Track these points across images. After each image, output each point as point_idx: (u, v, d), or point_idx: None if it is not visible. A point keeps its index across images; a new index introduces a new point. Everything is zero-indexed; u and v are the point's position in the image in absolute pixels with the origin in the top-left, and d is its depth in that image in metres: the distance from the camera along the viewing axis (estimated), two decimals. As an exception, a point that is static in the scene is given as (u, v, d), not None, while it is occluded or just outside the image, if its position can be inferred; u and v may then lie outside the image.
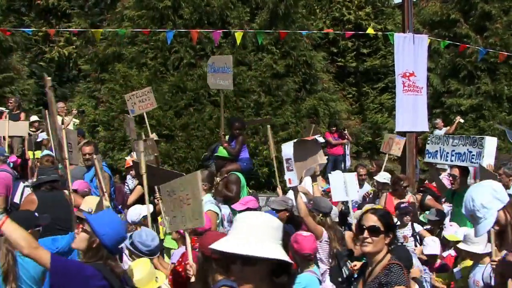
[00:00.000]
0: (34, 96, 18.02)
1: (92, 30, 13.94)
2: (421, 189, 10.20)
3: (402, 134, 11.38)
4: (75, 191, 7.08)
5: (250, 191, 9.46)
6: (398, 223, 8.02)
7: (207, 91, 13.93)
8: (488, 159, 6.75)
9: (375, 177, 9.79)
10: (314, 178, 6.98)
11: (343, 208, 8.56)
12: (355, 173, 9.11)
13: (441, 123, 14.65)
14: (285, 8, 14.46)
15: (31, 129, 13.12)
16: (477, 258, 5.29)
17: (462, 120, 14.44)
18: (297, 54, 14.71)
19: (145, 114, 10.67)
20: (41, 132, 13.04)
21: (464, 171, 7.26)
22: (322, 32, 16.56)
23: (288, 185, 6.30)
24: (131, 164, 9.31)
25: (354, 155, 17.48)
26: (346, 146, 15.07)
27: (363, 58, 19.50)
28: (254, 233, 2.37)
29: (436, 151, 7.56)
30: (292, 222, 6.41)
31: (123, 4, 15.68)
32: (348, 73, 19.72)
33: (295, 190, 6.13)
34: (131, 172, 9.61)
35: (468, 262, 5.66)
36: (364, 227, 3.59)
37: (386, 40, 17.54)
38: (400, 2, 15.13)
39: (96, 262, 3.72)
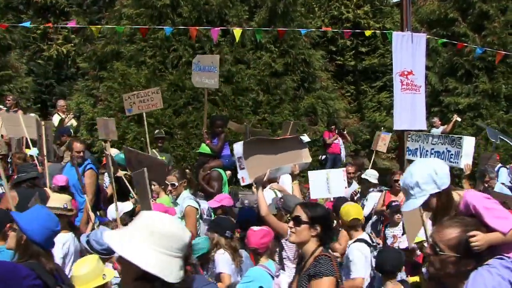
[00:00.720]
0: (32, 94, 17.98)
1: (90, 26, 13.91)
2: None
3: (400, 132, 11.39)
4: (63, 187, 7.16)
5: (230, 187, 9.49)
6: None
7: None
8: (466, 159, 6.72)
9: (363, 176, 9.67)
10: (295, 177, 6.82)
11: None
12: (343, 169, 9.03)
13: (438, 122, 14.70)
14: (284, 7, 14.49)
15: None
16: None
17: (459, 119, 14.47)
18: (295, 52, 14.74)
19: (144, 114, 10.58)
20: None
21: None
22: (320, 30, 16.57)
23: (242, 183, 6.24)
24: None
25: (352, 153, 17.50)
26: (342, 145, 15.08)
27: (361, 56, 19.54)
28: (138, 234, 2.28)
29: (416, 148, 7.43)
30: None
31: (122, 2, 15.66)
32: (347, 72, 19.75)
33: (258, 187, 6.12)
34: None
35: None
36: (289, 217, 3.71)
37: (385, 39, 17.59)
38: (399, 0, 15.17)
39: (29, 261, 3.66)
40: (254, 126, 13.87)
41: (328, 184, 8.15)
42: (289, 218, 5.64)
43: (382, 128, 11.80)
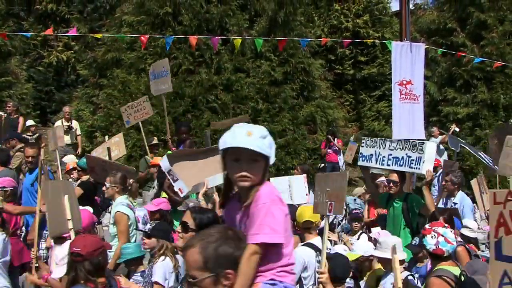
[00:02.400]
0: (32, 101, 18.01)
1: (91, 35, 13.97)
2: None
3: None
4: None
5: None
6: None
7: (205, 97, 14.01)
8: (428, 165, 6.59)
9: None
10: None
11: None
12: (304, 176, 8.99)
13: (437, 132, 14.72)
14: (284, 16, 14.55)
15: (27, 134, 13.14)
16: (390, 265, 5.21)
17: (457, 129, 14.51)
18: (295, 61, 14.80)
19: (140, 124, 10.81)
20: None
21: (402, 176, 7.01)
22: (319, 40, 16.64)
23: (181, 194, 6.16)
24: (71, 167, 9.50)
25: (350, 162, 17.52)
26: (339, 154, 15.08)
27: (360, 66, 19.62)
28: None
29: (371, 154, 7.28)
30: None
31: (122, 10, 15.74)
32: (346, 81, 19.82)
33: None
34: (72, 175, 9.61)
35: (371, 275, 5.63)
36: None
37: (384, 48, 17.67)
38: (398, 10, 15.25)
39: None
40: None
41: (291, 191, 8.11)
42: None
43: (352, 137, 11.73)
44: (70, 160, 10.13)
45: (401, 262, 5.03)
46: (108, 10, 19.75)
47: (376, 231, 6.76)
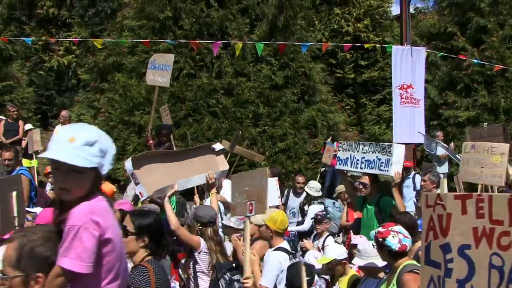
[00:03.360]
0: (33, 105, 18.04)
1: (92, 40, 14.01)
2: None
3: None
4: None
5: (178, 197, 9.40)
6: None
7: (206, 101, 14.03)
8: (396, 167, 6.61)
9: (305, 188, 9.49)
10: (211, 186, 6.48)
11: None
12: (275, 179, 8.93)
13: (441, 136, 14.60)
14: (284, 20, 14.58)
15: (26, 137, 13.16)
16: (375, 272, 5.11)
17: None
18: (296, 65, 14.81)
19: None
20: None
21: (375, 178, 7.00)
22: (320, 44, 16.67)
23: (141, 198, 6.08)
24: (50, 170, 9.50)
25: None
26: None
27: (361, 70, 19.66)
28: None
29: (347, 158, 7.32)
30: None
31: (123, 14, 15.79)
32: (347, 85, 19.85)
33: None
34: (49, 178, 9.63)
35: (345, 280, 5.56)
36: (200, 227, 3.69)
37: (384, 52, 17.71)
38: (398, 14, 15.28)
39: None
40: (254, 138, 13.93)
41: None
42: (200, 228, 5.57)
43: (329, 139, 11.66)
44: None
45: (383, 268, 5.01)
46: (109, 14, 19.81)
47: (356, 237, 6.74)
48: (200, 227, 5.60)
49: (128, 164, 5.92)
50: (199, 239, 5.54)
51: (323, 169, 14.25)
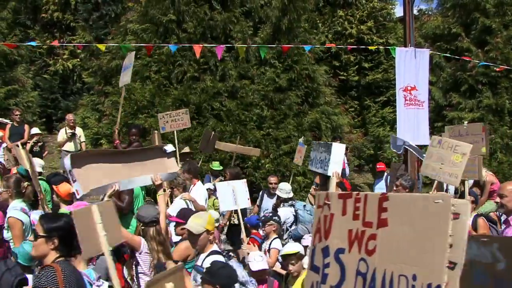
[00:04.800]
0: (38, 109, 18.12)
1: (96, 44, 14.05)
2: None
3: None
4: None
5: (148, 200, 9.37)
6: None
7: (210, 104, 14.05)
8: (335, 166, 6.50)
9: (276, 192, 9.34)
10: (159, 187, 6.35)
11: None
12: (243, 180, 8.92)
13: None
14: (288, 22, 14.59)
15: (32, 141, 13.22)
16: None
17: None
18: (299, 68, 14.81)
19: (175, 133, 11.09)
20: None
21: (324, 179, 6.91)
22: (325, 46, 16.67)
23: (77, 196, 5.94)
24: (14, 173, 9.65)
25: (356, 168, 17.51)
26: (345, 159, 15.05)
27: (365, 72, 19.64)
28: None
29: (312, 158, 7.35)
30: None
31: (127, 18, 15.84)
32: (350, 87, 19.84)
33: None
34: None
35: (299, 281, 5.49)
36: (142, 227, 3.65)
37: (388, 54, 17.68)
38: (402, 16, 15.27)
39: None
40: (259, 141, 13.94)
41: (235, 195, 8.10)
42: (142, 228, 5.54)
43: (300, 139, 11.62)
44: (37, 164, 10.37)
45: None
46: (113, 18, 19.89)
47: (307, 237, 6.70)
48: (142, 227, 5.59)
49: (66, 161, 5.81)
50: (139, 240, 5.51)
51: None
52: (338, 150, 6.58)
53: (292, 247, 5.82)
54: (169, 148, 6.42)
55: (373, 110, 19.48)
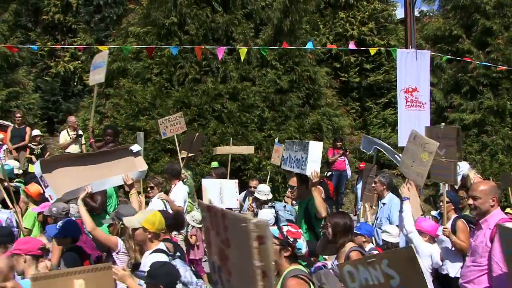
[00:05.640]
0: (39, 111, 18.12)
1: (98, 46, 14.06)
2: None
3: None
4: None
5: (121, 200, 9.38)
6: None
7: (211, 106, 14.06)
8: (313, 165, 6.27)
9: (255, 194, 9.30)
10: (130, 186, 6.41)
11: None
12: (235, 181, 8.87)
13: None
14: (289, 24, 14.60)
15: (33, 143, 13.23)
16: None
17: None
18: (300, 69, 14.82)
19: (175, 136, 11.19)
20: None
21: (302, 179, 6.66)
22: (326, 48, 16.67)
23: (50, 201, 5.98)
24: None
25: (357, 169, 17.46)
26: (347, 161, 15.04)
27: (366, 73, 19.63)
28: None
29: (287, 157, 7.16)
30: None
31: (129, 20, 15.86)
32: (352, 88, 19.83)
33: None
34: None
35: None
36: (121, 225, 3.93)
37: (389, 56, 17.67)
38: (403, 18, 15.27)
39: None
40: (260, 143, 13.93)
41: (221, 194, 8.09)
42: (121, 226, 5.54)
43: (276, 139, 11.59)
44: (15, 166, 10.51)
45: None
46: (115, 20, 19.89)
47: None
48: (122, 226, 5.58)
49: (36, 167, 5.85)
50: (116, 240, 5.51)
51: (329, 173, 14.26)
52: (316, 149, 6.36)
53: None
54: (135, 148, 6.49)
55: (374, 112, 19.46)
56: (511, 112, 16.24)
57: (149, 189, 8.58)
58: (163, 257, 5.05)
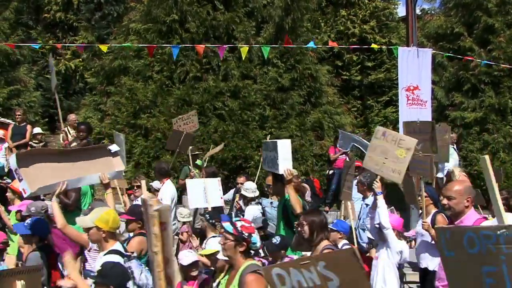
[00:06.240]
0: (40, 109, 18.13)
1: (99, 45, 14.06)
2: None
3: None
4: None
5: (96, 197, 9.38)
6: None
7: (213, 104, 14.05)
8: (284, 164, 6.31)
9: (242, 191, 9.29)
10: (106, 186, 6.43)
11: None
12: (218, 179, 8.89)
13: (455, 138, 14.35)
14: (291, 22, 14.58)
15: (34, 141, 13.22)
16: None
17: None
18: (302, 67, 14.81)
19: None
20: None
21: (276, 177, 6.71)
22: (327, 47, 16.65)
23: (24, 195, 5.93)
24: None
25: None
26: (348, 159, 15.00)
27: (367, 71, 19.60)
28: None
29: (264, 158, 7.26)
30: None
31: (130, 18, 15.84)
32: (353, 87, 19.80)
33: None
34: None
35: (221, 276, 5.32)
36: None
37: (391, 54, 17.66)
38: (404, 16, 15.24)
39: None
40: (261, 141, 13.92)
41: (206, 194, 8.09)
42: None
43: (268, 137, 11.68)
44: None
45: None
46: (116, 18, 19.89)
47: None
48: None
49: (12, 160, 5.83)
50: (86, 237, 5.43)
51: (331, 171, 14.23)
52: (284, 147, 6.41)
53: (213, 246, 5.72)
54: (114, 147, 6.50)
55: (376, 110, 19.44)
56: (513, 110, 16.21)
57: (136, 188, 8.63)
58: (117, 258, 4.94)
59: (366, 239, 7.19)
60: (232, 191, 10.35)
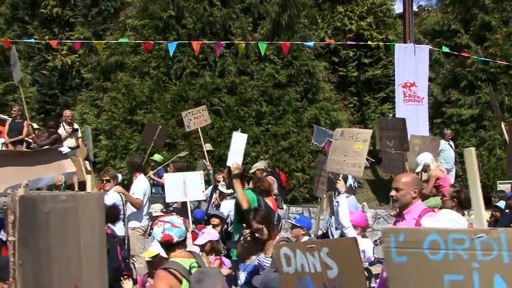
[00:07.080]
0: (36, 104, 18.08)
1: (95, 42, 14.02)
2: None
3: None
4: None
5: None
6: None
7: (209, 100, 14.04)
8: (233, 157, 6.14)
9: (219, 187, 9.29)
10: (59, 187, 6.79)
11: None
12: (201, 172, 8.86)
13: (450, 134, 14.40)
14: (288, 18, 14.56)
15: (30, 138, 13.18)
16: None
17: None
18: (299, 63, 14.79)
19: (199, 129, 11.59)
20: None
21: (230, 171, 6.50)
22: (324, 43, 16.64)
23: None
24: None
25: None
26: None
27: (364, 67, 19.58)
28: None
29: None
30: None
31: (126, 14, 15.81)
32: (350, 83, 19.77)
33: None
34: None
35: None
36: None
37: (388, 50, 17.65)
38: (402, 12, 15.25)
39: None
40: (258, 137, 13.93)
41: (185, 187, 8.08)
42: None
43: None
44: None
45: None
46: (112, 13, 19.82)
47: None
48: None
49: None
50: None
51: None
52: (239, 140, 6.26)
53: (154, 248, 5.69)
54: (64, 149, 6.65)
55: (373, 106, 19.42)
56: (509, 107, 16.20)
57: (105, 182, 8.62)
58: None
59: (338, 236, 7.20)
60: (210, 188, 10.35)
